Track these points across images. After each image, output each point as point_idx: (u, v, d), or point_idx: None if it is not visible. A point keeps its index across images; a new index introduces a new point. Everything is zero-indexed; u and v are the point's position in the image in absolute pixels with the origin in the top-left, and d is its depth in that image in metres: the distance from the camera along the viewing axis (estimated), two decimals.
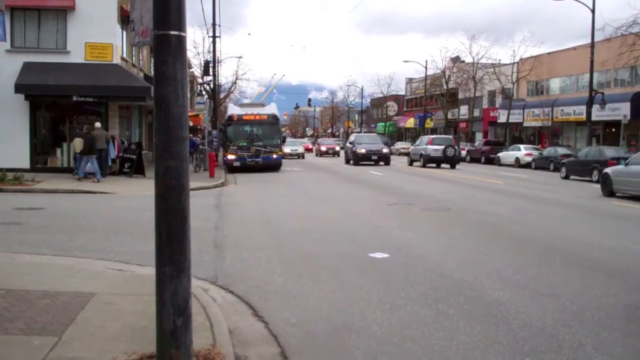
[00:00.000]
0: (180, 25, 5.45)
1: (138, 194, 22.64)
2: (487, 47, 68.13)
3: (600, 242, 13.73)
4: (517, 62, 63.31)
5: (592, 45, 42.34)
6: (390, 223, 16.79)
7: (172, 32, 5.41)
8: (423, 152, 47.41)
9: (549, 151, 45.61)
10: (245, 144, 38.29)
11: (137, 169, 29.68)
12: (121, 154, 30.05)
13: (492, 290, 9.40)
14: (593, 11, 41.66)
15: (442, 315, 8.08)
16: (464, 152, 57.01)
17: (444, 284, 9.83)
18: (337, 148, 74.75)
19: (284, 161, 42.72)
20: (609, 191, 24.57)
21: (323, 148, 74.06)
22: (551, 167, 42.03)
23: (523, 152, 48.89)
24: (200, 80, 59.91)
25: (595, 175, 31.16)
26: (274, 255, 12.21)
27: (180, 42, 5.50)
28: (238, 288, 9.47)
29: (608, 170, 25.52)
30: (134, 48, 33.26)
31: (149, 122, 40.09)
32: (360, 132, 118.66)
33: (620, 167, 24.83)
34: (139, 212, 17.61)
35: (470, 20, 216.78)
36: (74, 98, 28.40)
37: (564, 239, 14.15)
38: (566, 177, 35.14)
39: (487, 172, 41.15)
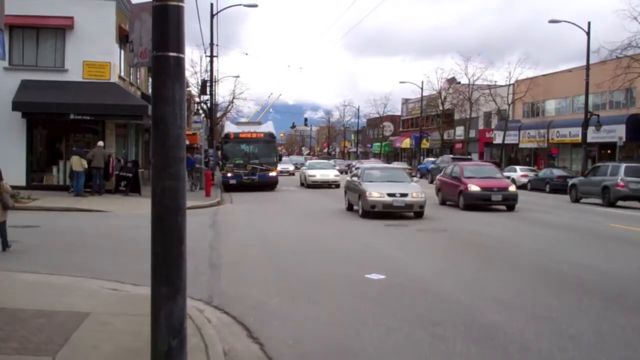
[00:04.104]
0: (179, 46, 5.46)
1: (134, 213, 22.58)
2: (482, 69, 67.91)
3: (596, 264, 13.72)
4: (513, 84, 63.55)
5: (588, 67, 42.53)
6: (386, 243, 16.78)
7: (171, 54, 5.42)
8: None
9: (544, 173, 45.62)
10: (241, 161, 38.26)
11: (133, 188, 29.63)
12: (117, 172, 30.00)
13: (489, 312, 9.37)
14: (588, 34, 41.92)
15: (438, 338, 8.04)
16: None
17: (441, 305, 9.79)
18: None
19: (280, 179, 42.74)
20: (576, 198, 32.73)
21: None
22: (547, 189, 42.05)
23: (519, 173, 48.87)
24: (197, 99, 60.00)
25: (547, 188, 41.69)
26: (269, 275, 12.17)
27: (179, 63, 5.51)
28: (233, 309, 9.42)
29: (575, 180, 34.15)
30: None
31: (146, 140, 40.07)
32: (356, 152, 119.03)
33: (582, 178, 33.46)
34: (134, 231, 17.56)
35: (462, 41, 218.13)
36: (71, 116, 28.39)
37: (561, 261, 14.13)
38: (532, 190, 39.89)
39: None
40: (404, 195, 22.49)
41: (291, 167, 68.08)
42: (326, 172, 44.43)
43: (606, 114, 47.47)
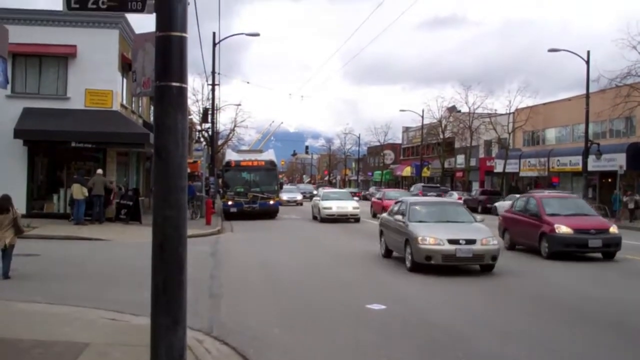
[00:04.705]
0: (182, 77, 5.48)
1: (134, 241, 22.50)
2: (482, 97, 67.88)
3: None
4: (513, 112, 63.69)
5: (587, 96, 42.63)
6: (387, 273, 16.71)
7: (174, 84, 5.44)
8: None
9: None
10: (242, 189, 38.28)
11: (133, 216, 29.57)
12: (117, 200, 29.97)
13: (491, 344, 9.28)
14: (588, 62, 42.08)
15: None
16: (460, 202, 57.03)
17: (442, 337, 9.71)
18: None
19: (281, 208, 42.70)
20: None
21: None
22: None
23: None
24: (198, 127, 60.11)
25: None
26: (270, 305, 12.10)
27: (181, 93, 5.53)
28: (233, 339, 9.34)
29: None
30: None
31: (147, 168, 40.09)
32: (357, 180, 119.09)
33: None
34: (134, 260, 17.47)
35: (462, 70, 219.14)
36: (73, 144, 28.44)
37: (558, 288, 14.00)
38: None
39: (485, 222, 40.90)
40: (470, 242, 16.24)
41: (299, 197, 63.47)
42: (343, 204, 38.10)
43: (606, 143, 47.54)
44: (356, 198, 50.37)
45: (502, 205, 50.70)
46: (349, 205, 38.04)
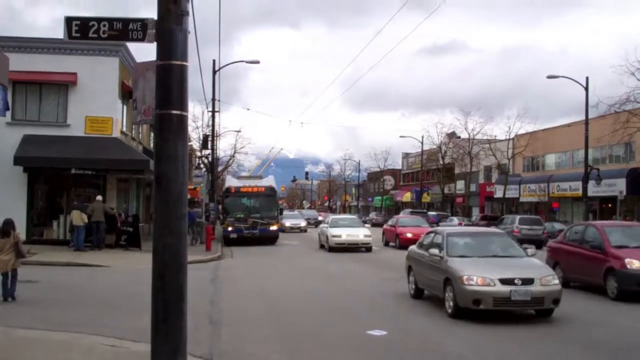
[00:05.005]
0: (182, 105, 5.55)
1: (134, 268, 22.46)
2: (482, 123, 68.11)
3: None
4: (513, 138, 63.89)
5: (587, 122, 42.76)
6: (388, 299, 16.67)
7: (174, 112, 5.51)
8: None
9: (546, 227, 45.54)
10: (242, 215, 38.30)
11: (133, 242, 29.53)
12: (117, 226, 29.96)
13: None
14: (587, 89, 42.23)
15: None
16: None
17: None
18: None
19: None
20: None
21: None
22: (548, 242, 41.85)
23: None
24: (198, 154, 60.21)
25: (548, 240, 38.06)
26: (270, 332, 12.08)
27: (182, 121, 5.59)
28: None
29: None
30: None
31: (147, 194, 40.12)
32: (357, 205, 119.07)
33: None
34: (134, 287, 17.44)
35: (461, 95, 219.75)
36: (73, 171, 28.46)
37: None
38: None
39: None
40: (527, 281, 13.26)
41: (302, 223, 59.95)
42: (354, 231, 35.04)
43: (606, 168, 47.67)
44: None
45: (503, 229, 50.71)
46: (360, 233, 35.01)
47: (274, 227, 38.81)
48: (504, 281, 13.10)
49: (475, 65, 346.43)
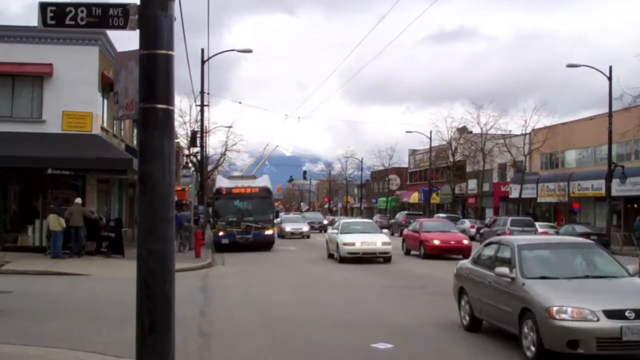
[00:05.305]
0: (168, 98, 5.56)
1: (117, 277, 22.46)
2: (496, 117, 67.79)
3: None
4: (529, 133, 63.76)
5: (610, 114, 42.76)
6: (393, 308, 16.68)
7: (159, 106, 5.51)
8: None
9: (565, 229, 45.50)
10: (234, 219, 38.26)
11: (115, 249, 29.52)
12: (98, 232, 29.93)
13: None
14: (610, 78, 42.24)
15: None
16: (473, 230, 56.89)
17: None
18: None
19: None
20: None
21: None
22: None
23: (538, 230, 48.79)
24: (186, 152, 60.23)
25: None
26: (264, 345, 12.10)
27: (168, 115, 5.60)
28: None
29: (483, 230, 38.19)
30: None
31: (130, 196, 40.10)
32: (360, 207, 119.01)
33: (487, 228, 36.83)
34: (117, 296, 17.46)
35: (472, 87, 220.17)
36: (49, 171, 28.34)
37: None
38: None
39: None
40: None
41: (305, 228, 57.75)
42: (370, 238, 31.54)
43: (631, 165, 47.61)
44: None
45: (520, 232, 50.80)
46: (378, 240, 31.51)
47: (269, 232, 38.78)
48: (610, 314, 10.26)
49: (486, 54, 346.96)
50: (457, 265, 15.17)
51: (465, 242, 33.67)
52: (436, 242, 33.17)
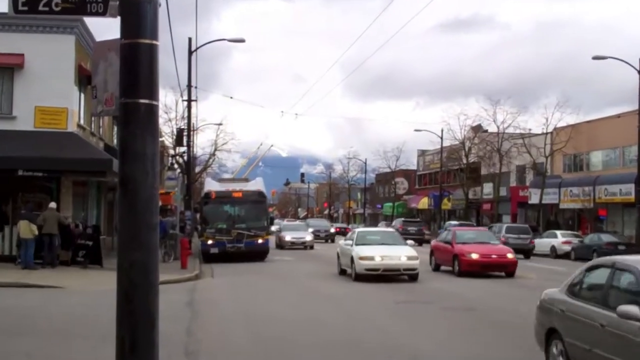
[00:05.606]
0: (152, 92, 5.54)
1: (94, 289, 22.45)
2: (514, 114, 67.61)
3: None
4: (551, 132, 63.71)
5: None
6: (401, 327, 16.67)
7: (142, 101, 5.49)
8: None
9: (591, 238, 45.54)
10: (224, 226, 38.21)
11: (93, 259, 29.51)
12: (74, 240, 29.92)
13: None
14: None
15: None
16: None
17: None
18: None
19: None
20: None
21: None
22: (594, 258, 41.91)
23: (560, 239, 48.75)
24: (172, 152, 60.24)
25: (595, 256, 34.82)
26: None
27: (152, 111, 5.58)
28: None
29: None
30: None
31: (109, 200, 40.09)
32: (363, 213, 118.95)
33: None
34: (94, 311, 17.48)
35: (488, 81, 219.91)
36: (20, 172, 28.29)
37: None
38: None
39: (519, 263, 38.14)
40: None
41: (308, 237, 55.03)
42: (392, 251, 28.47)
43: None
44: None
45: (540, 243, 50.77)
46: (402, 253, 28.21)
47: (262, 240, 38.73)
48: None
49: (503, 45, 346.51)
50: (543, 295, 12.10)
51: (510, 256, 31.09)
52: (474, 256, 30.32)
